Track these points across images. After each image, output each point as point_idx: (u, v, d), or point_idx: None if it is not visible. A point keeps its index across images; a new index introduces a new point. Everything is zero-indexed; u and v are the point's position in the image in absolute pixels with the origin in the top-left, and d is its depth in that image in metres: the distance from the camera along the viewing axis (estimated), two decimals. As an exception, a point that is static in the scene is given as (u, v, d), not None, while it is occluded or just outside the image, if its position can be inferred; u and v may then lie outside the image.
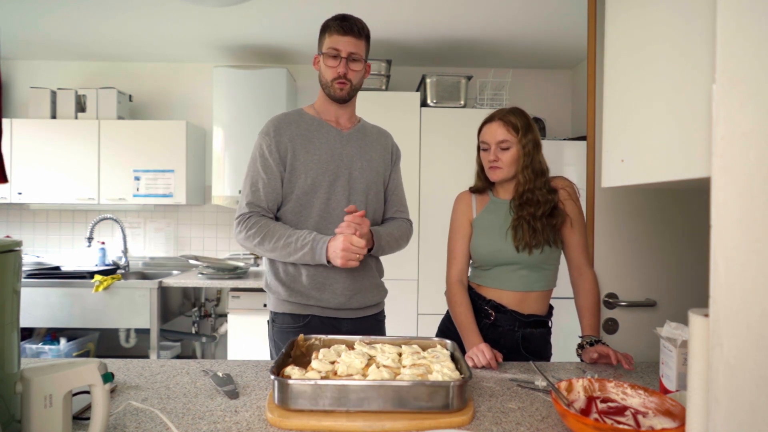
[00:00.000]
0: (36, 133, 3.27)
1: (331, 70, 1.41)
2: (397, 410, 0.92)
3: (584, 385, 1.00)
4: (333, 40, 1.40)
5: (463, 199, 1.56)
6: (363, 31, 1.42)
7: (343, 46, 1.39)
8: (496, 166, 1.43)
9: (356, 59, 1.41)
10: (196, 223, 3.68)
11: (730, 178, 0.58)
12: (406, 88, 3.52)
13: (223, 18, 2.80)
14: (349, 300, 1.45)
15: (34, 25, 2.96)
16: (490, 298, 1.45)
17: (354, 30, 1.40)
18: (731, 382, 0.58)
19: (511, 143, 1.41)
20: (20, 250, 0.86)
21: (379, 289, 1.56)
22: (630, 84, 0.89)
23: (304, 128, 1.46)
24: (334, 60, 1.40)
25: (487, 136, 1.45)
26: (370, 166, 1.50)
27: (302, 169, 1.42)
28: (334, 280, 1.43)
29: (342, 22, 1.40)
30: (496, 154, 1.43)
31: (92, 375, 0.79)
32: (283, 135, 1.43)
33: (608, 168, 0.95)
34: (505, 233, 1.43)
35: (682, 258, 1.53)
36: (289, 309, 1.45)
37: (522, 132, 1.41)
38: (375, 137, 1.57)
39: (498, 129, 1.42)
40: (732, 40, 0.59)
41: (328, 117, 1.50)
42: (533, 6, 2.61)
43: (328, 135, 1.47)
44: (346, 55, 1.40)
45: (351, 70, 1.42)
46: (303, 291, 1.43)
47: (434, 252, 3.06)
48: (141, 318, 2.89)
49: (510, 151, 1.42)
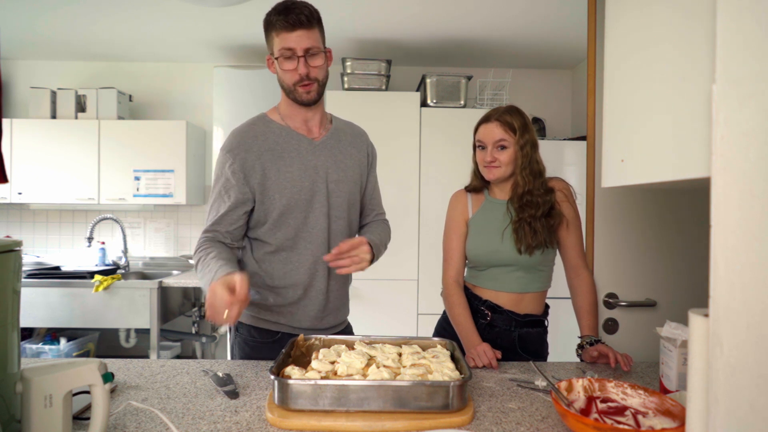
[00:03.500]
0: (36, 133, 3.27)
1: (290, 73, 1.24)
2: (397, 410, 0.92)
3: (584, 385, 1.00)
4: (282, 38, 1.21)
5: (459, 198, 1.54)
6: (313, 17, 1.22)
7: (296, 43, 1.20)
8: (493, 165, 1.42)
9: (315, 53, 1.23)
10: (196, 223, 3.67)
11: (730, 178, 0.58)
12: (406, 88, 3.52)
13: (223, 18, 2.80)
14: (321, 321, 1.37)
15: (34, 25, 2.96)
16: (486, 298, 1.45)
17: (302, 21, 1.20)
18: (731, 382, 0.58)
19: (508, 143, 1.40)
20: (20, 250, 0.86)
21: (346, 306, 1.48)
22: (630, 84, 0.89)
23: (272, 142, 1.29)
24: (290, 62, 1.23)
25: (484, 135, 1.44)
26: (347, 176, 1.37)
27: (275, 189, 1.27)
28: (309, 302, 1.34)
29: (287, 16, 1.20)
30: (493, 154, 1.42)
31: (92, 375, 0.79)
32: (250, 152, 1.27)
33: (608, 168, 0.95)
34: (501, 234, 1.43)
35: (682, 258, 1.53)
36: (257, 323, 1.34)
37: (519, 132, 1.40)
38: (349, 140, 1.41)
39: (495, 129, 1.41)
40: (732, 40, 0.59)
41: (295, 124, 1.33)
42: (533, 6, 2.61)
43: (299, 147, 1.31)
44: (302, 53, 1.21)
45: (312, 67, 1.23)
46: (274, 310, 1.33)
47: (434, 252, 3.06)
48: (141, 318, 2.89)
49: (507, 151, 1.41)
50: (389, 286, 3.08)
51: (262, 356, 1.31)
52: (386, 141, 3.06)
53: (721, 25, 0.59)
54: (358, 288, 3.03)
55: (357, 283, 2.97)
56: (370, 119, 3.11)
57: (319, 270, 1.34)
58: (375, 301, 3.09)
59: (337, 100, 3.05)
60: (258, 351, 1.32)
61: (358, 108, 3.03)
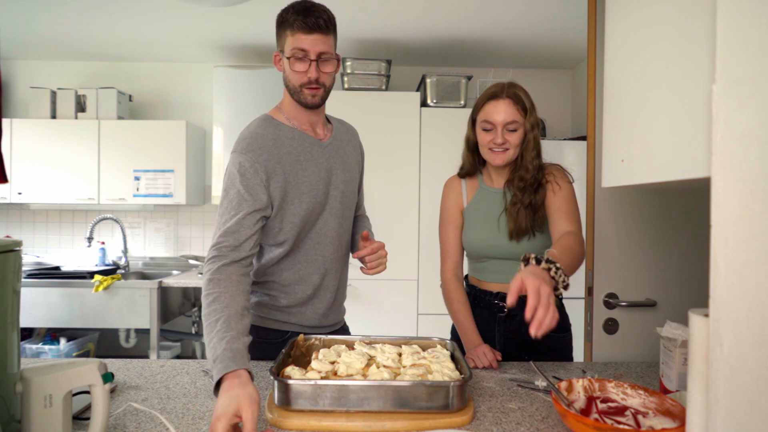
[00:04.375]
0: (36, 133, 3.27)
1: (300, 74, 1.20)
2: (397, 410, 0.92)
3: (584, 385, 1.00)
4: (297, 39, 1.17)
5: (453, 186, 1.47)
6: (330, 23, 1.20)
7: (311, 46, 1.17)
8: (504, 148, 1.30)
9: (327, 59, 1.20)
10: (196, 223, 3.68)
11: (730, 178, 0.58)
12: (406, 88, 3.52)
13: (223, 18, 2.80)
14: (326, 318, 1.37)
15: (34, 25, 2.96)
16: (497, 291, 1.40)
17: (320, 25, 1.17)
18: (731, 382, 0.58)
19: (519, 124, 1.29)
20: (20, 250, 0.86)
21: (342, 307, 1.48)
22: (630, 84, 0.89)
23: (288, 145, 1.24)
24: (302, 63, 1.19)
25: (493, 114, 1.29)
26: (351, 176, 1.36)
27: (295, 194, 1.23)
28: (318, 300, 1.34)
29: (306, 18, 1.16)
30: (503, 136, 1.29)
31: (92, 375, 0.79)
32: (272, 155, 1.21)
33: (608, 168, 0.95)
34: (497, 225, 1.37)
35: (682, 258, 1.53)
36: (266, 323, 1.33)
37: (529, 111, 1.29)
38: (347, 139, 1.40)
39: (507, 108, 1.28)
40: (732, 40, 0.59)
41: (303, 126, 1.29)
42: (533, 6, 2.61)
43: (312, 150, 1.28)
44: (315, 57, 1.18)
45: (323, 72, 1.21)
46: (284, 310, 1.32)
47: (434, 252, 3.05)
48: (141, 318, 2.89)
49: (517, 133, 1.30)
50: (389, 286, 3.08)
51: (271, 356, 1.30)
52: (386, 141, 3.06)
53: (721, 25, 0.59)
54: (357, 288, 3.03)
55: (357, 283, 2.97)
56: (370, 119, 3.13)
57: (330, 269, 1.34)
58: (375, 301, 3.09)
59: (337, 100, 3.03)
60: (266, 351, 1.31)
61: (358, 108, 3.03)
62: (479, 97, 1.38)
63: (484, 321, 1.43)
